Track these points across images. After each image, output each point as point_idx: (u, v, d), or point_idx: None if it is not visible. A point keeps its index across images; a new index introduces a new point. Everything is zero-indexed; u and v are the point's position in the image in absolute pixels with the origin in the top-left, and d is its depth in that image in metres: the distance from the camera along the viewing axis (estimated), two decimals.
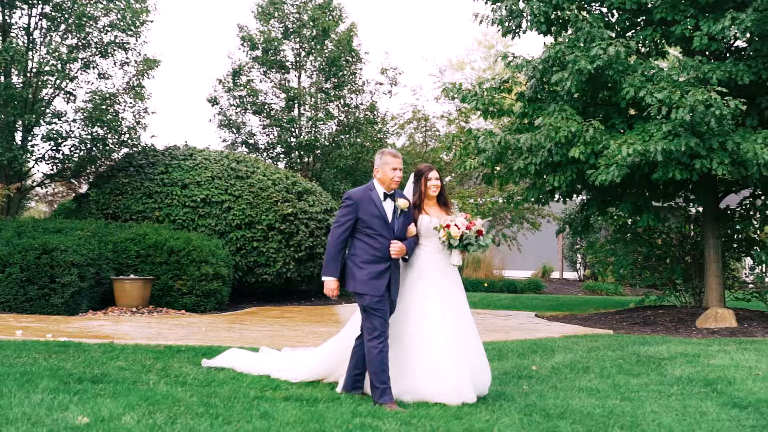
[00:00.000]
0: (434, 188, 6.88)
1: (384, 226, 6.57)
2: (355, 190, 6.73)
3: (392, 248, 6.58)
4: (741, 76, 11.91)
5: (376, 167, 6.71)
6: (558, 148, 12.51)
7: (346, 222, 6.55)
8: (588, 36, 12.44)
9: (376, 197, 6.61)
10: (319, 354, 7.62)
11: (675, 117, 11.15)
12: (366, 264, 6.54)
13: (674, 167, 11.77)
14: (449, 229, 6.64)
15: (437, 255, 6.85)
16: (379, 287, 6.54)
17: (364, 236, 6.56)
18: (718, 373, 8.32)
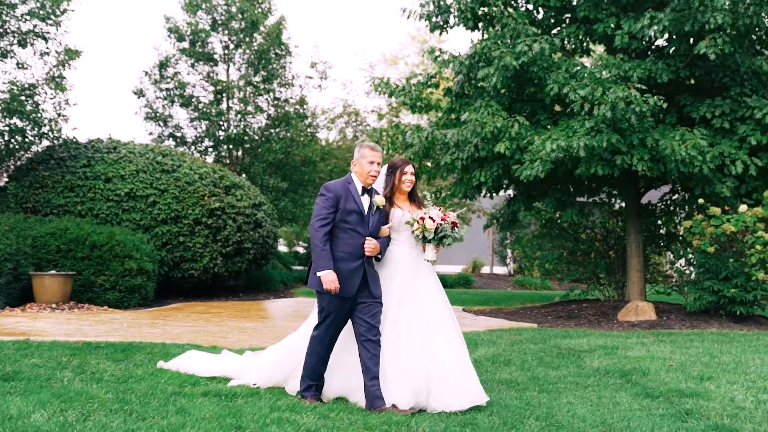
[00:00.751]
0: (408, 183, 6.59)
1: (360, 221, 6.27)
2: (333, 182, 6.43)
3: (367, 245, 6.27)
4: (660, 75, 12.19)
5: (354, 160, 6.45)
6: (484, 143, 12.63)
7: (328, 215, 6.23)
8: (514, 32, 12.57)
9: (354, 190, 6.33)
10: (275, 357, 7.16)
11: (597, 113, 11.36)
12: (337, 261, 6.20)
13: (596, 163, 11.99)
14: (424, 221, 6.38)
15: (411, 250, 6.59)
16: (349, 288, 6.21)
17: (337, 231, 6.26)
18: (633, 365, 8.50)
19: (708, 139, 12.03)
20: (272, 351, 7.29)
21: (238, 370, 7.27)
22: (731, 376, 7.92)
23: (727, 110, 12.29)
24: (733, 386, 7.46)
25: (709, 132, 12.33)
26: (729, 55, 12.08)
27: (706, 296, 12.47)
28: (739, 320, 12.42)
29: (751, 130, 12.06)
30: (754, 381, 7.66)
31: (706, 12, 11.41)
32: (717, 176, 12.20)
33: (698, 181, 12.45)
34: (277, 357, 7.10)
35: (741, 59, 12.16)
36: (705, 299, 12.54)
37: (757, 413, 6.44)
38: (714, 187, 12.21)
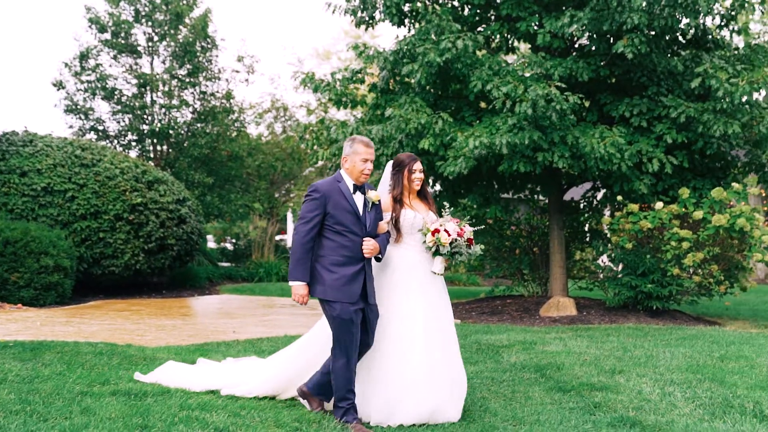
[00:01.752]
0: (418, 181, 6.24)
1: (355, 221, 5.82)
2: (321, 181, 5.92)
3: (365, 246, 5.83)
4: (580, 73, 12.37)
5: (344, 155, 5.95)
6: (408, 139, 12.63)
7: (313, 218, 5.76)
8: (438, 29, 12.60)
9: (345, 189, 5.84)
10: (276, 363, 6.72)
11: (519, 111, 11.46)
12: (336, 266, 5.78)
13: (519, 160, 12.10)
14: (439, 234, 6.00)
15: (421, 255, 6.19)
16: (353, 293, 5.77)
17: (332, 234, 5.81)
18: (549, 360, 8.61)
19: (626, 137, 12.26)
20: (271, 363, 6.78)
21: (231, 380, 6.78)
22: (641, 370, 8.08)
23: (645, 109, 12.54)
24: (642, 379, 7.62)
25: (628, 130, 12.57)
26: (646, 55, 12.33)
27: (625, 291, 12.71)
28: (655, 315, 12.70)
29: (667, 128, 12.33)
30: (662, 374, 7.83)
31: (623, 12, 11.61)
32: (635, 174, 12.44)
33: (617, 179, 12.68)
34: (277, 369, 6.62)
35: (657, 59, 12.42)
36: (624, 294, 12.78)
37: (661, 405, 6.58)
38: (632, 184, 12.45)
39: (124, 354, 8.27)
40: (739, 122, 12.10)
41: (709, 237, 12.21)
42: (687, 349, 9.31)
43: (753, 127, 12.45)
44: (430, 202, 6.35)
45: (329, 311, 5.79)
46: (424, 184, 6.36)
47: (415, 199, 6.28)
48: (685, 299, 12.90)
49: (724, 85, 11.63)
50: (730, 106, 11.86)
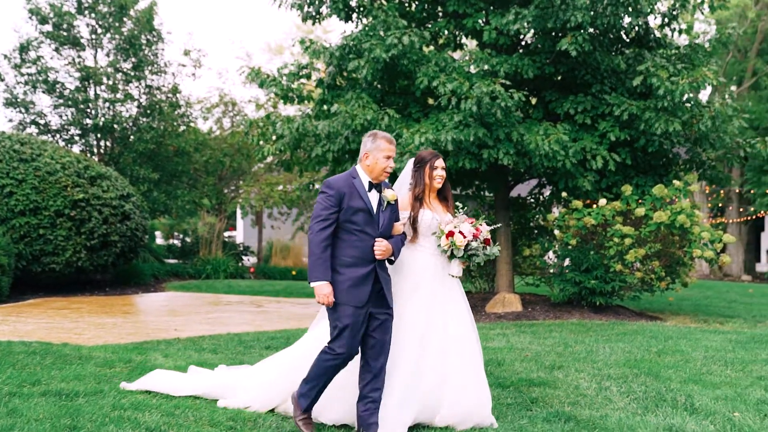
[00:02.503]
0: (439, 179, 5.93)
1: (369, 220, 5.49)
2: (335, 177, 5.59)
3: (377, 247, 5.49)
4: (526, 70, 12.43)
5: (365, 151, 5.60)
6: (355, 135, 12.58)
7: (329, 216, 5.43)
8: (384, 25, 12.56)
9: (360, 186, 5.52)
10: (274, 373, 6.25)
11: (464, 107, 11.48)
12: (345, 267, 5.45)
13: (464, 156, 12.12)
14: (453, 237, 5.71)
15: (436, 258, 5.90)
16: (361, 296, 5.44)
17: (343, 233, 5.48)
18: (491, 356, 8.64)
19: (571, 134, 12.36)
20: (270, 367, 6.38)
21: (223, 387, 6.38)
22: (580, 365, 8.15)
23: (589, 107, 12.66)
24: (580, 374, 7.69)
25: (572, 128, 12.67)
26: (590, 53, 12.43)
27: (569, 287, 12.83)
28: (599, 310, 12.84)
29: (610, 126, 12.46)
30: (600, 369, 7.91)
31: (567, 10, 11.70)
32: (579, 171, 12.55)
33: (562, 176, 12.77)
34: (277, 377, 6.19)
35: (601, 58, 12.54)
36: (568, 290, 12.89)
37: (597, 399, 6.64)
38: (576, 181, 12.56)
39: (58, 353, 8.07)
40: (679, 120, 12.27)
41: (651, 233, 12.38)
42: (626, 344, 9.43)
43: (693, 126, 12.65)
44: (449, 203, 6.03)
45: (332, 315, 5.48)
46: (446, 184, 6.04)
47: (435, 200, 5.98)
48: (627, 295, 13.07)
49: (665, 83, 11.79)
50: (671, 105, 12.02)
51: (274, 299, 15.49)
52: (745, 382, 7.26)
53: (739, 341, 9.64)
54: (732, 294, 20.33)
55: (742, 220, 34.46)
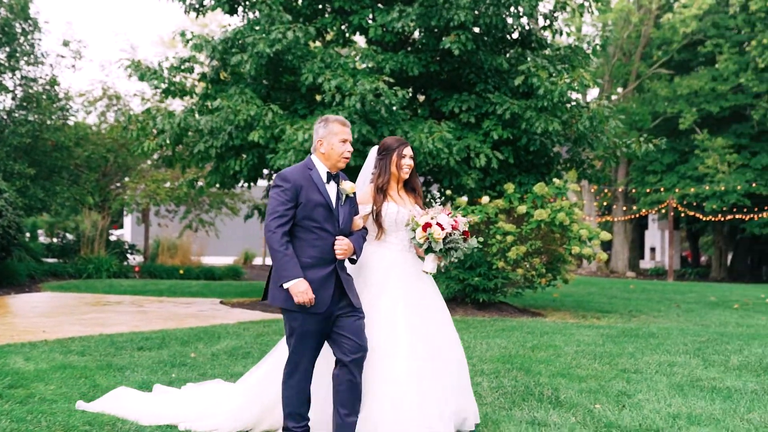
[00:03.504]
0: (407, 168, 5.41)
1: (328, 216, 4.96)
2: (290, 169, 5.02)
3: (337, 246, 4.96)
4: (411, 68, 12.48)
5: (318, 139, 5.07)
6: (238, 131, 12.39)
7: (286, 212, 4.87)
8: (268, 19, 12.39)
9: (317, 178, 4.98)
10: (243, 391, 5.69)
11: (348, 104, 11.42)
12: (305, 269, 4.87)
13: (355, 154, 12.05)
14: (431, 229, 5.19)
15: (405, 254, 5.40)
16: (322, 301, 4.88)
17: (300, 231, 4.93)
18: None
19: (455, 132, 12.47)
20: (240, 389, 5.78)
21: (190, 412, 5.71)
22: None
23: (473, 105, 12.81)
24: None
25: (457, 126, 12.79)
26: (473, 52, 12.58)
27: (454, 285, 12.94)
28: (482, 307, 13.00)
29: (493, 125, 12.64)
30: (475, 364, 7.97)
31: (450, 9, 11.79)
32: (463, 168, 12.68)
33: (446, 173, 12.88)
34: (246, 396, 5.63)
35: (484, 57, 12.71)
36: (453, 287, 13.01)
37: (486, 395, 6.67)
38: (461, 179, 12.68)
39: None
40: (559, 120, 12.56)
41: (532, 231, 12.61)
42: (503, 340, 9.55)
43: (572, 125, 12.96)
44: (418, 194, 5.57)
45: (290, 321, 4.94)
46: (414, 173, 5.55)
47: (402, 190, 5.49)
48: (510, 291, 13.28)
49: (545, 83, 12.04)
50: (551, 104, 12.28)
51: (157, 299, 15.05)
52: (610, 375, 7.45)
53: (610, 335, 9.92)
54: (614, 290, 21.01)
55: (627, 219, 35.73)
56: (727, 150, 30.88)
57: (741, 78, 30.51)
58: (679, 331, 10.57)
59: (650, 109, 33.33)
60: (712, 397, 6.65)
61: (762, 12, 29.28)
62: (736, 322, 12.52)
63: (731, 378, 7.41)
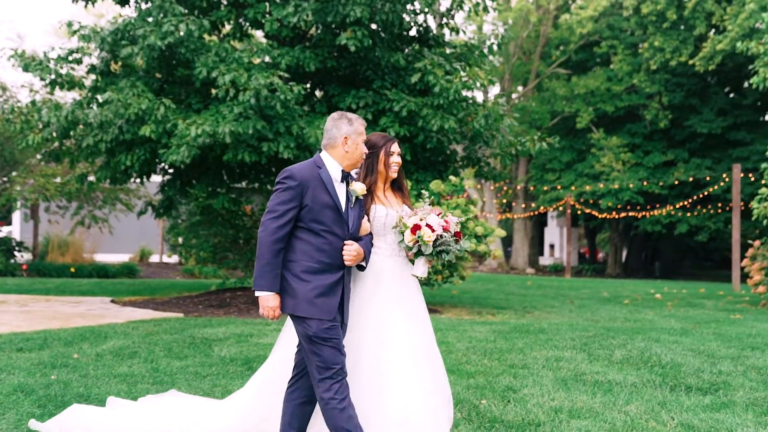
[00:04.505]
0: (395, 166, 5.08)
1: (337, 219, 4.65)
2: (296, 166, 4.68)
3: (347, 251, 4.65)
4: (308, 63, 12.36)
5: (344, 135, 4.72)
6: (129, 125, 12.04)
7: (287, 212, 4.54)
8: (161, 11, 12.06)
9: (327, 178, 4.64)
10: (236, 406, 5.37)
11: (243, 99, 11.23)
12: (310, 275, 4.58)
13: (244, 149, 11.87)
14: (420, 231, 4.89)
15: (394, 259, 5.07)
16: (330, 308, 4.61)
17: (307, 234, 4.60)
18: (260, 352, 8.50)
19: None
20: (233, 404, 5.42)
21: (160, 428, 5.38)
22: None
23: (371, 102, 12.78)
24: None
25: None
26: (370, 49, 12.55)
27: None
28: None
29: (390, 122, 12.63)
30: None
31: (347, 5, 11.72)
32: None
33: None
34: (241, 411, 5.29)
35: (381, 53, 12.68)
36: None
37: None
38: None
39: None
40: (455, 117, 12.66)
41: None
42: None
43: (468, 123, 13.08)
44: (405, 194, 5.24)
45: (304, 330, 4.59)
46: (401, 172, 5.22)
47: (389, 191, 5.16)
48: None
49: (441, 81, 12.11)
50: (447, 102, 12.36)
51: (44, 298, 14.48)
52: (498, 371, 7.54)
53: (503, 332, 10.05)
54: (512, 286, 21.41)
55: (527, 216, 36.49)
56: (622, 149, 31.88)
57: (634, 79, 31.55)
58: (568, 327, 10.81)
59: (549, 108, 34.12)
60: (594, 390, 6.81)
61: (653, 15, 30.33)
62: (624, 317, 12.90)
63: (613, 372, 7.60)
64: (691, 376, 7.42)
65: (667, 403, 6.42)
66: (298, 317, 4.59)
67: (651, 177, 31.31)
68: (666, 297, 17.81)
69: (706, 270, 43.13)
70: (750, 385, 7.11)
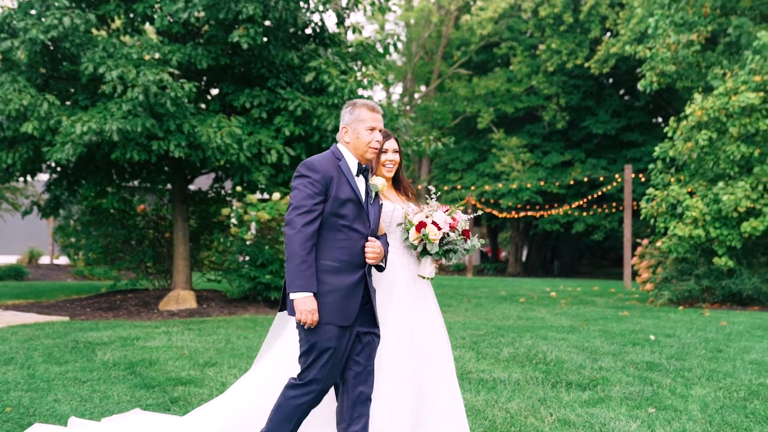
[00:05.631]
0: (390, 164, 4.86)
1: (358, 214, 4.36)
2: (318, 158, 4.40)
3: (369, 248, 4.37)
4: (200, 61, 12.11)
5: (343, 125, 4.51)
6: (10, 122, 11.57)
7: (315, 207, 4.25)
8: (43, 3, 11.61)
9: (347, 170, 4.40)
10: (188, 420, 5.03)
11: (131, 96, 10.92)
12: (330, 275, 4.27)
13: (133, 148, 11.55)
14: (426, 229, 4.68)
15: (407, 257, 4.85)
16: (350, 312, 4.28)
17: (326, 230, 4.31)
18: (145, 356, 8.27)
19: (246, 128, 12.23)
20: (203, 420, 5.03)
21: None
22: (236, 361, 8.03)
23: (265, 101, 12.62)
24: (232, 371, 7.58)
25: (249, 121, 12.56)
26: (263, 47, 12.39)
27: (245, 283, 12.73)
28: (274, 305, 12.89)
29: (285, 121, 12.50)
30: (249, 364, 7.83)
31: (239, 1, 11.53)
32: (255, 165, 12.46)
33: (237, 169, 12.64)
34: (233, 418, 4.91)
35: (275, 52, 12.53)
36: (244, 286, 12.79)
37: None
38: (252, 175, 12.46)
39: None
40: None
41: None
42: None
43: None
44: (409, 192, 5.00)
45: (312, 336, 4.26)
46: (400, 170, 4.96)
47: (391, 189, 4.94)
48: None
49: (335, 81, 12.06)
50: (341, 101, 12.32)
51: None
52: None
53: None
54: None
55: None
56: (521, 149, 32.55)
57: (533, 80, 32.26)
58: (461, 326, 10.92)
59: (451, 108, 34.55)
60: (478, 389, 6.88)
61: (550, 18, 31.08)
62: (517, 315, 13.11)
63: (499, 369, 7.71)
64: (572, 373, 7.59)
65: (547, 400, 6.54)
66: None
67: (549, 177, 32.06)
68: (561, 295, 18.23)
69: (603, 268, 44.50)
70: (627, 380, 7.33)
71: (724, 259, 14.66)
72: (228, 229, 13.62)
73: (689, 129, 15.34)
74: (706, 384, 7.19)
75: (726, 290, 15.01)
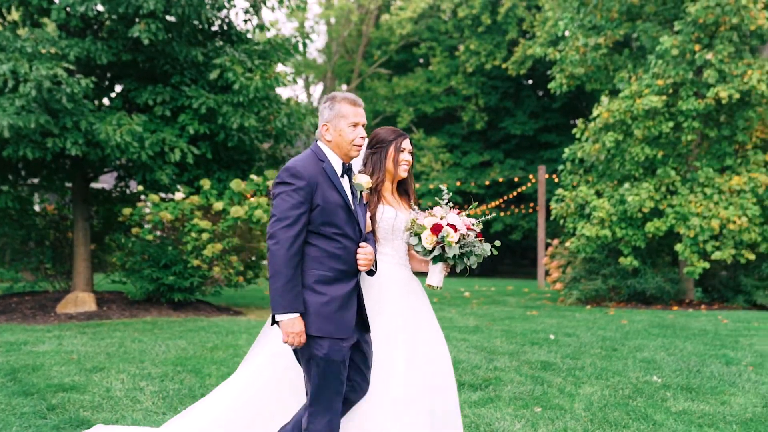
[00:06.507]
0: (405, 164, 4.54)
1: (348, 218, 4.08)
2: (298, 160, 4.06)
3: (361, 255, 4.11)
4: (99, 56, 11.76)
5: (323, 122, 4.17)
6: None
7: (300, 217, 3.94)
8: None
9: (332, 172, 4.09)
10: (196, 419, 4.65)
11: (24, 91, 10.51)
12: (324, 285, 4.00)
13: (26, 145, 11.13)
14: (443, 231, 4.33)
15: (402, 269, 4.52)
16: (347, 323, 4.03)
17: (318, 238, 4.02)
18: (29, 361, 7.96)
19: (150, 126, 11.94)
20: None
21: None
22: (125, 365, 7.80)
23: (169, 98, 12.33)
24: (120, 375, 7.35)
25: (152, 119, 12.26)
26: (166, 43, 12.11)
27: (147, 284, 12.40)
28: (178, 307, 12.59)
29: (189, 119, 12.25)
30: (145, 368, 7.66)
31: None
32: (157, 164, 12.17)
33: (139, 168, 12.33)
34: None
35: (179, 48, 12.26)
36: (146, 287, 12.46)
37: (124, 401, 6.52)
38: (154, 174, 12.17)
39: None
40: (255, 116, 12.44)
41: (229, 228, 12.38)
42: (185, 341, 9.26)
43: (271, 122, 12.90)
44: (412, 198, 4.68)
45: (313, 350, 3.99)
46: (410, 174, 4.64)
47: (395, 193, 4.63)
48: (209, 290, 12.97)
49: (240, 79, 11.87)
50: (246, 100, 12.13)
51: None
52: None
53: None
54: None
55: None
56: (441, 149, 32.73)
57: (452, 81, 32.47)
58: None
59: (371, 108, 34.53)
60: None
61: (469, 19, 31.35)
62: None
63: None
64: (467, 373, 7.59)
65: None
66: (310, 336, 3.98)
67: (469, 177, 32.33)
68: (474, 295, 18.35)
69: (523, 268, 45.07)
70: (519, 380, 7.36)
71: (629, 258, 14.97)
72: (130, 230, 13.23)
73: (597, 131, 15.62)
74: (595, 382, 7.28)
75: (631, 289, 15.34)
